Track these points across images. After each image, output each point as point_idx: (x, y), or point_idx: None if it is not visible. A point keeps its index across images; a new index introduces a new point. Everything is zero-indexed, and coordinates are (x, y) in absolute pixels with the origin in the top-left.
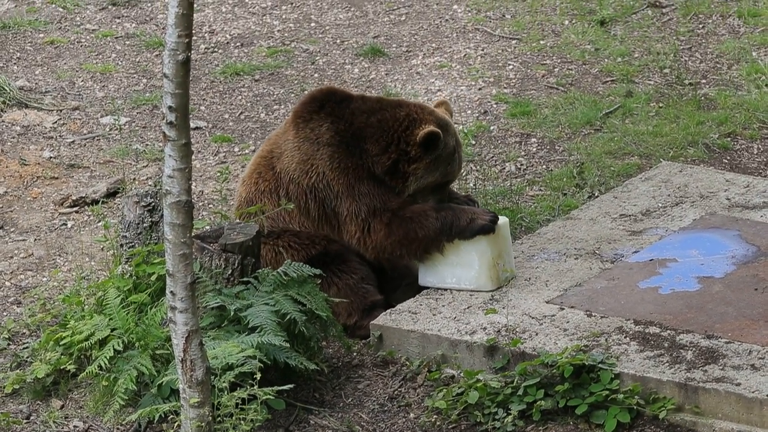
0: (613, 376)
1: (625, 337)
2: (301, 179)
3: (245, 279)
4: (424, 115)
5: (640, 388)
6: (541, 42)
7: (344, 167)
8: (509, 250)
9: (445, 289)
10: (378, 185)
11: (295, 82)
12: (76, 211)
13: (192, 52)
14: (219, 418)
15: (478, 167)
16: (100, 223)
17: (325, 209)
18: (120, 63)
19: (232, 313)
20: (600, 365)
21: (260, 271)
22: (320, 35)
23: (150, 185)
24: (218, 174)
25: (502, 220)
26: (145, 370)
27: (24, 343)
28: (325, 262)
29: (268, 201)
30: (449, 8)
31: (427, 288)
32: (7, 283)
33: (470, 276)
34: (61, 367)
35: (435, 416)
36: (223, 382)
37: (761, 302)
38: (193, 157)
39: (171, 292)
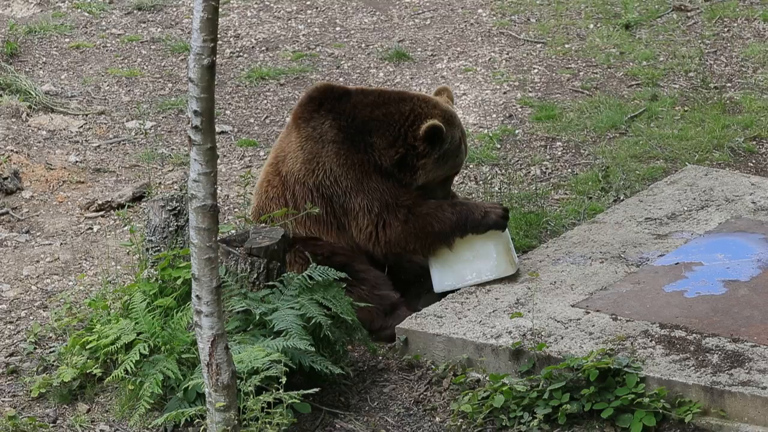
0: (638, 379)
1: (651, 341)
2: (307, 179)
3: (271, 283)
4: (429, 109)
5: (665, 391)
6: (566, 46)
7: (351, 162)
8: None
9: (477, 288)
10: (387, 179)
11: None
12: (102, 216)
13: (217, 56)
14: (245, 422)
15: (504, 171)
16: (125, 228)
17: (333, 207)
18: (145, 67)
19: (257, 317)
20: (625, 369)
21: (285, 275)
22: (345, 39)
23: (175, 189)
24: (241, 178)
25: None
26: (171, 374)
27: (50, 347)
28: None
29: (275, 207)
30: (474, 12)
31: (446, 293)
32: (34, 287)
33: (490, 266)
34: (88, 371)
35: (461, 420)
36: (249, 386)
37: None
38: (219, 161)
39: (197, 296)
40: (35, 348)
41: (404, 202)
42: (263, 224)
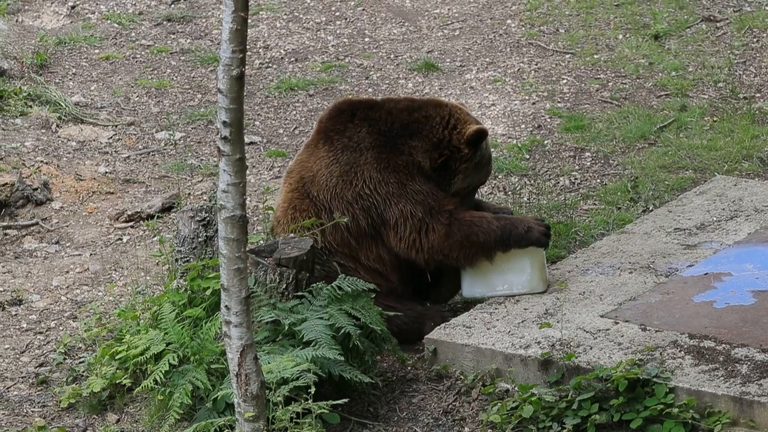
0: (667, 390)
1: (680, 351)
2: (345, 191)
3: (299, 293)
4: (465, 115)
5: (695, 402)
6: (595, 56)
7: (394, 165)
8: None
9: (506, 299)
10: (429, 183)
11: (350, 96)
12: (132, 226)
13: (246, 67)
14: None
15: (532, 181)
16: (155, 238)
17: (371, 218)
18: (175, 78)
19: (286, 328)
20: (655, 379)
21: (314, 285)
22: (374, 50)
23: (205, 200)
24: (265, 190)
25: None
26: (200, 384)
27: (80, 358)
28: None
29: (310, 231)
30: (503, 23)
31: (474, 299)
32: (63, 298)
33: (522, 280)
34: (117, 382)
35: (489, 430)
36: (278, 396)
37: None
38: (248, 171)
39: (226, 306)
40: (65, 358)
41: (446, 206)
42: (292, 234)
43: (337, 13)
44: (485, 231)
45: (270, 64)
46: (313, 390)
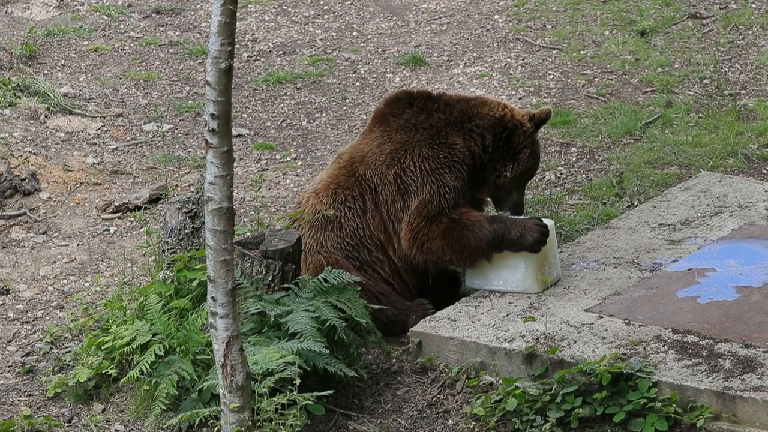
0: (651, 384)
1: (663, 346)
2: (389, 170)
3: (286, 285)
4: (515, 108)
5: (677, 396)
6: (582, 52)
7: (449, 144)
8: (555, 251)
9: (491, 291)
10: (465, 181)
11: (337, 90)
12: (119, 217)
13: (234, 60)
14: (259, 423)
15: None
16: (142, 229)
17: (404, 201)
18: (163, 70)
19: (272, 319)
20: (638, 373)
21: (300, 277)
22: (362, 44)
23: (192, 192)
24: (252, 182)
25: (549, 222)
26: (186, 374)
27: (66, 347)
28: None
29: (347, 211)
30: (490, 18)
31: (475, 289)
32: (50, 288)
33: (517, 278)
34: (103, 372)
35: (473, 423)
36: (263, 387)
37: None
38: (235, 164)
39: (212, 297)
40: (51, 348)
41: (458, 209)
42: (278, 227)
43: (326, 7)
44: (476, 236)
45: (258, 57)
46: (298, 381)
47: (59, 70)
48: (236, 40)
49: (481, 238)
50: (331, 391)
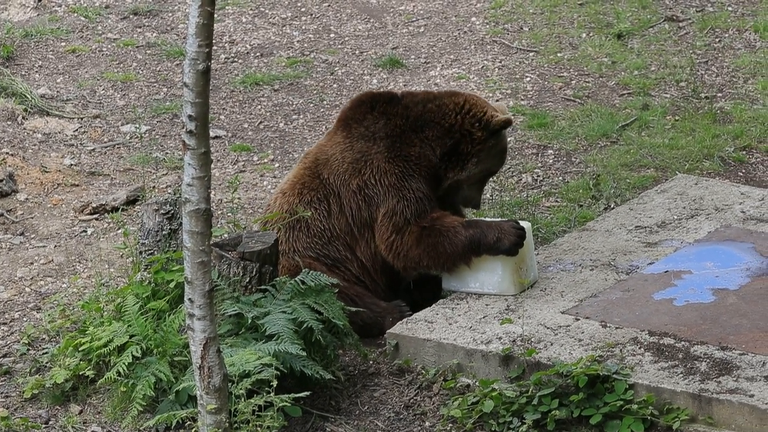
0: (627, 386)
1: (640, 348)
2: (352, 179)
3: (263, 287)
4: (481, 102)
5: (654, 398)
6: (559, 54)
7: (403, 157)
8: (532, 254)
9: (468, 294)
10: (428, 186)
11: (314, 92)
12: (96, 219)
13: (212, 61)
14: (236, 425)
15: (495, 178)
16: (119, 231)
17: (371, 210)
18: (141, 72)
19: (249, 321)
20: (614, 376)
21: (278, 279)
22: (339, 46)
23: (169, 193)
24: (229, 184)
25: (525, 225)
26: (163, 376)
27: (43, 349)
28: None
29: (316, 210)
30: (467, 20)
31: (452, 291)
32: (27, 289)
33: (493, 281)
34: (80, 373)
35: (450, 425)
36: (240, 389)
37: None
38: (213, 165)
39: (189, 299)
40: (28, 349)
41: (432, 212)
42: (256, 228)
43: (303, 9)
44: (452, 242)
45: (235, 59)
46: (275, 383)
47: (37, 71)
48: (214, 41)
49: (457, 244)
50: (308, 393)
